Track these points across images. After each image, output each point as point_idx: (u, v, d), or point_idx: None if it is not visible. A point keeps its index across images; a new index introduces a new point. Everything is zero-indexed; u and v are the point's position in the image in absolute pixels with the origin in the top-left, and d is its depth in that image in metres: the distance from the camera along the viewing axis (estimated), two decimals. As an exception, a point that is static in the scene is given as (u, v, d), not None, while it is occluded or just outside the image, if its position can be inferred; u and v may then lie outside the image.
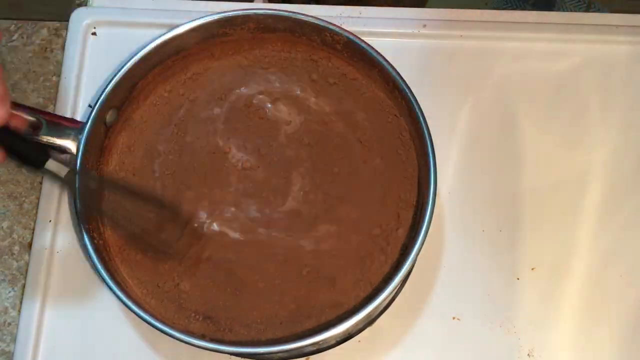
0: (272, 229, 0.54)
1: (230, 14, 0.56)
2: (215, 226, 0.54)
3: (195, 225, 0.54)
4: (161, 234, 0.52)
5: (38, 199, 0.59)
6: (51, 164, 0.49)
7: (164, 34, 0.55)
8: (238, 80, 0.58)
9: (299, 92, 0.57)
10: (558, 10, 1.13)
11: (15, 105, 0.51)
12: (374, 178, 0.55)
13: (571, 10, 1.10)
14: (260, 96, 0.57)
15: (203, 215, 0.54)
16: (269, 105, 0.57)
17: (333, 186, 0.55)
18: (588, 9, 1.19)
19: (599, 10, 1.14)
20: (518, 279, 0.57)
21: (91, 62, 0.62)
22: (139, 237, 0.52)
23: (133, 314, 0.49)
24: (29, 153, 0.49)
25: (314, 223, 0.54)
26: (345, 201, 0.54)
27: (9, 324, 0.56)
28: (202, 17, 0.55)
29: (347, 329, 0.49)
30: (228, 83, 0.58)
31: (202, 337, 0.50)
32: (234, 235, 0.53)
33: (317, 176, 0.55)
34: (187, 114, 0.57)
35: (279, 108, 0.57)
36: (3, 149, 0.46)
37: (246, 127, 0.57)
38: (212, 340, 0.49)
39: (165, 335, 0.48)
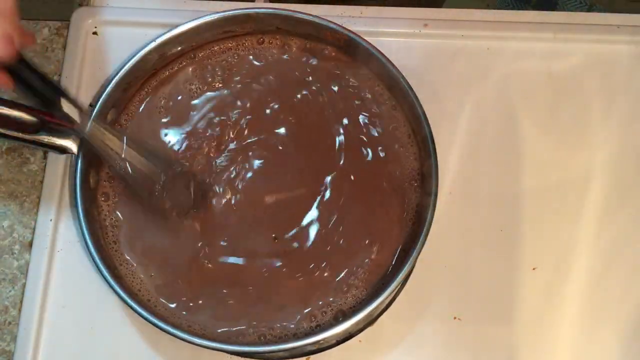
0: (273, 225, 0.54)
1: (231, 13, 0.56)
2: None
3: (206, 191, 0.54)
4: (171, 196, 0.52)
5: (39, 198, 0.59)
6: (65, 105, 0.47)
7: (164, 33, 0.55)
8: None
9: (297, 90, 0.57)
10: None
11: (16, 104, 0.51)
12: (375, 178, 0.55)
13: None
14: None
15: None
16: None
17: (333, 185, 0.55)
18: (589, 11, 1.19)
19: (600, 12, 1.14)
20: (519, 279, 0.57)
21: (92, 61, 0.62)
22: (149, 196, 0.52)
23: (134, 313, 0.49)
24: (42, 88, 0.46)
25: (314, 220, 0.54)
26: (346, 201, 0.54)
27: (10, 323, 0.56)
28: (203, 16, 0.55)
29: (348, 329, 0.49)
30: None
31: (203, 336, 0.50)
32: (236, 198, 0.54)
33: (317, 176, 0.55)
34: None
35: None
36: (12, 79, 0.45)
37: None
38: (213, 340, 0.49)
39: (166, 334, 0.48)
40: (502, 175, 0.60)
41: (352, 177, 0.55)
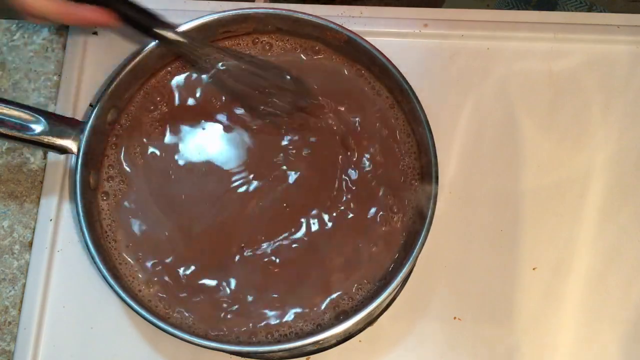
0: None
1: (231, 13, 0.56)
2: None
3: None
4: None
5: (39, 198, 0.59)
6: (159, 29, 0.53)
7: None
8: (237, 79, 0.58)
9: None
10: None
11: (16, 104, 0.51)
12: (375, 178, 0.55)
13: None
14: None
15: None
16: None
17: (331, 184, 0.55)
18: (589, 11, 1.19)
19: (600, 12, 1.14)
20: (519, 279, 0.57)
21: (92, 61, 0.62)
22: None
23: (134, 313, 0.49)
24: (139, 16, 0.53)
25: (314, 218, 0.54)
26: (346, 200, 0.54)
27: (10, 323, 0.56)
28: (203, 16, 0.55)
29: (347, 329, 0.49)
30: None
31: (203, 336, 0.50)
32: None
33: (316, 175, 0.55)
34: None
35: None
36: (116, 15, 0.52)
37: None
38: (213, 339, 0.49)
39: (166, 334, 0.48)
40: (502, 175, 0.60)
41: (351, 178, 0.55)
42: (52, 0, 0.50)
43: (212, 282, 0.53)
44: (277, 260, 0.53)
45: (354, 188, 0.55)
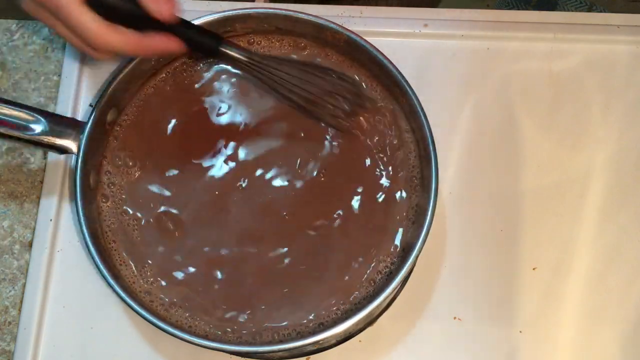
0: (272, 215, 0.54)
1: (231, 13, 0.56)
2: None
3: None
4: None
5: (39, 198, 0.59)
6: (226, 49, 0.53)
7: (164, 33, 0.55)
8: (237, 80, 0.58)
9: (295, 90, 0.57)
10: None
11: (16, 104, 0.51)
12: (373, 177, 0.55)
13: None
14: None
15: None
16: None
17: (331, 184, 0.55)
18: (589, 11, 1.19)
19: (600, 12, 1.14)
20: (519, 279, 0.57)
21: (92, 61, 0.62)
22: None
23: (134, 313, 0.49)
24: (203, 39, 0.53)
25: (314, 220, 0.54)
26: (346, 202, 0.54)
27: (10, 323, 0.56)
28: (203, 16, 0.55)
29: (347, 329, 0.49)
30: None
31: (203, 336, 0.50)
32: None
33: (315, 175, 0.55)
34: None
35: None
36: (180, 40, 0.51)
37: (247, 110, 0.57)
38: (213, 339, 0.49)
39: (166, 334, 0.48)
40: (502, 175, 0.60)
41: (351, 178, 0.55)
42: (125, 34, 0.49)
43: (212, 282, 0.53)
44: (278, 262, 0.53)
45: (353, 189, 0.55)
